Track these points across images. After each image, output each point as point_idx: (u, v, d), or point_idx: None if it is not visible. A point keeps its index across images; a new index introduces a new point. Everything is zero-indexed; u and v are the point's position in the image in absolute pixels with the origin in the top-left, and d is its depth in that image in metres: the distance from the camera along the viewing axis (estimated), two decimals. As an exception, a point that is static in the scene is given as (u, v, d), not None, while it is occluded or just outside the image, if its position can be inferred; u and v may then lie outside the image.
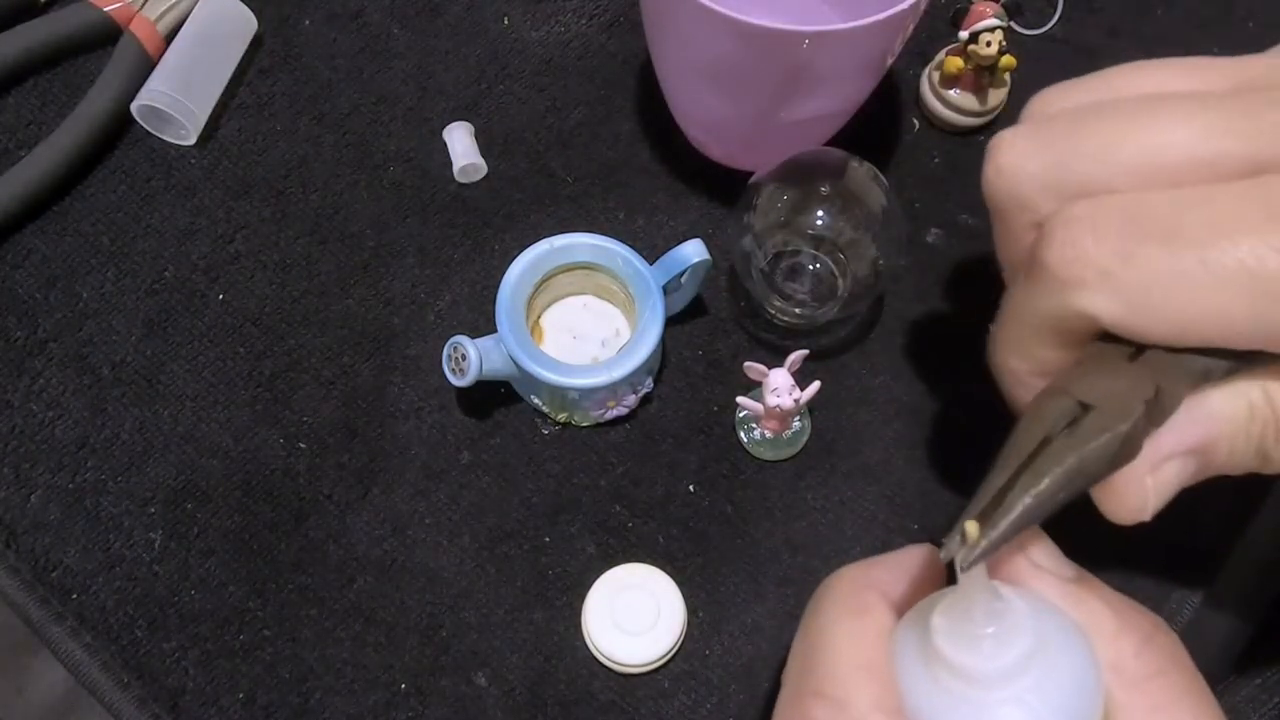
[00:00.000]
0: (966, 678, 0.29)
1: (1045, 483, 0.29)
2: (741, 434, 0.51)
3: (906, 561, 0.34)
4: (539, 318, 0.53)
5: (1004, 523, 0.29)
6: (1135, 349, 0.31)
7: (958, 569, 0.29)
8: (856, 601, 0.33)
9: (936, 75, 0.58)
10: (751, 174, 0.51)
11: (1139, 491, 0.32)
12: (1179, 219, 0.30)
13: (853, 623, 0.32)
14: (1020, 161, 0.33)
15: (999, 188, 0.34)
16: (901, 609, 0.33)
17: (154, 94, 0.55)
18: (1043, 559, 0.32)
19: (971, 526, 0.29)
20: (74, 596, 0.48)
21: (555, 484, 0.51)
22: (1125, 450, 0.30)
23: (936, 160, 0.58)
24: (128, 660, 0.46)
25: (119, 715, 0.45)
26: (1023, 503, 0.29)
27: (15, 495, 0.49)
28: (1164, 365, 0.31)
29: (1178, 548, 0.48)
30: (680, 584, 0.48)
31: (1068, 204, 0.32)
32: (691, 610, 0.48)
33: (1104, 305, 0.30)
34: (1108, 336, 0.31)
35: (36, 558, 0.48)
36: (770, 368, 0.48)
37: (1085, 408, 0.30)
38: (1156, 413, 0.30)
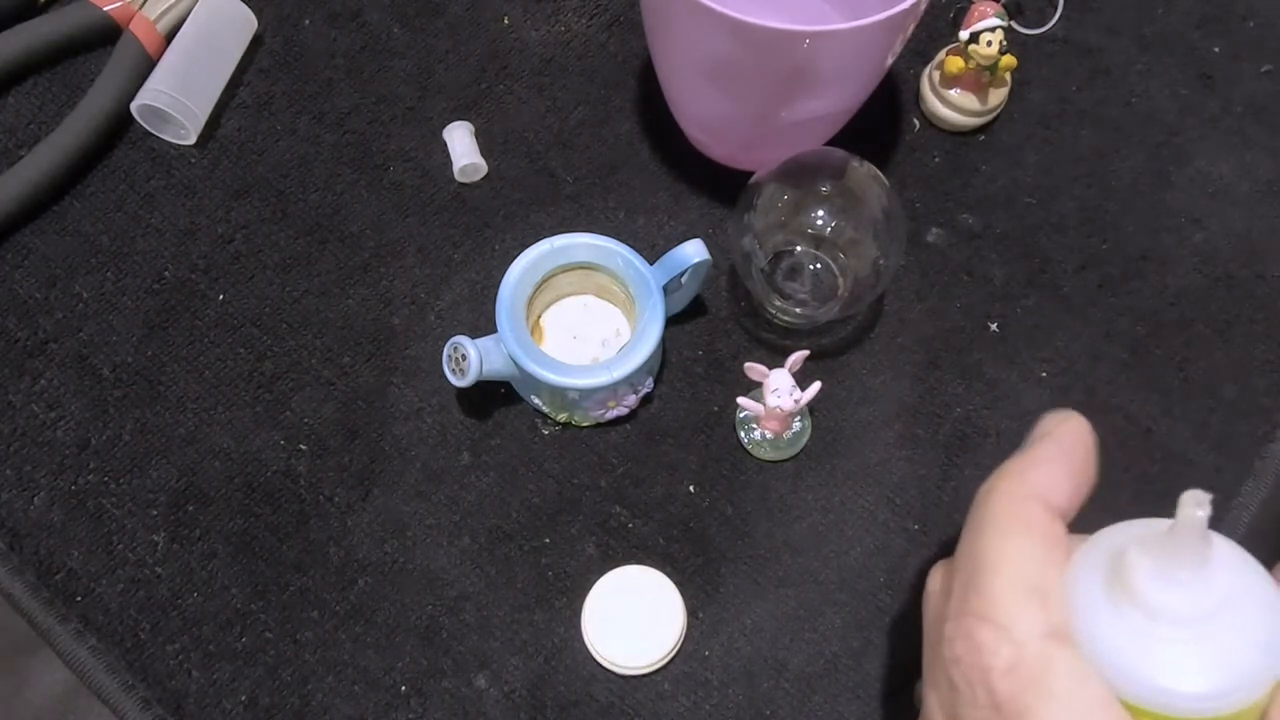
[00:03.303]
0: (1156, 614, 0.29)
1: None
2: (742, 434, 0.51)
3: (1062, 459, 0.33)
4: (539, 318, 0.53)
5: None
6: None
7: (1180, 511, 0.28)
8: (1021, 514, 0.31)
9: (937, 75, 0.58)
10: (751, 174, 0.51)
11: None
12: None
13: (1019, 540, 0.31)
14: None
15: None
16: (1067, 513, 0.32)
17: (154, 94, 0.55)
18: None
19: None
20: (79, 599, 0.48)
21: (555, 484, 0.51)
22: None
23: (936, 160, 0.58)
24: (132, 663, 0.47)
25: (124, 718, 0.45)
26: None
27: (19, 498, 0.49)
28: None
29: None
30: (680, 585, 0.48)
31: None
32: (691, 612, 0.48)
33: None
34: None
35: (41, 560, 0.48)
36: (771, 368, 0.48)
37: None
38: None
